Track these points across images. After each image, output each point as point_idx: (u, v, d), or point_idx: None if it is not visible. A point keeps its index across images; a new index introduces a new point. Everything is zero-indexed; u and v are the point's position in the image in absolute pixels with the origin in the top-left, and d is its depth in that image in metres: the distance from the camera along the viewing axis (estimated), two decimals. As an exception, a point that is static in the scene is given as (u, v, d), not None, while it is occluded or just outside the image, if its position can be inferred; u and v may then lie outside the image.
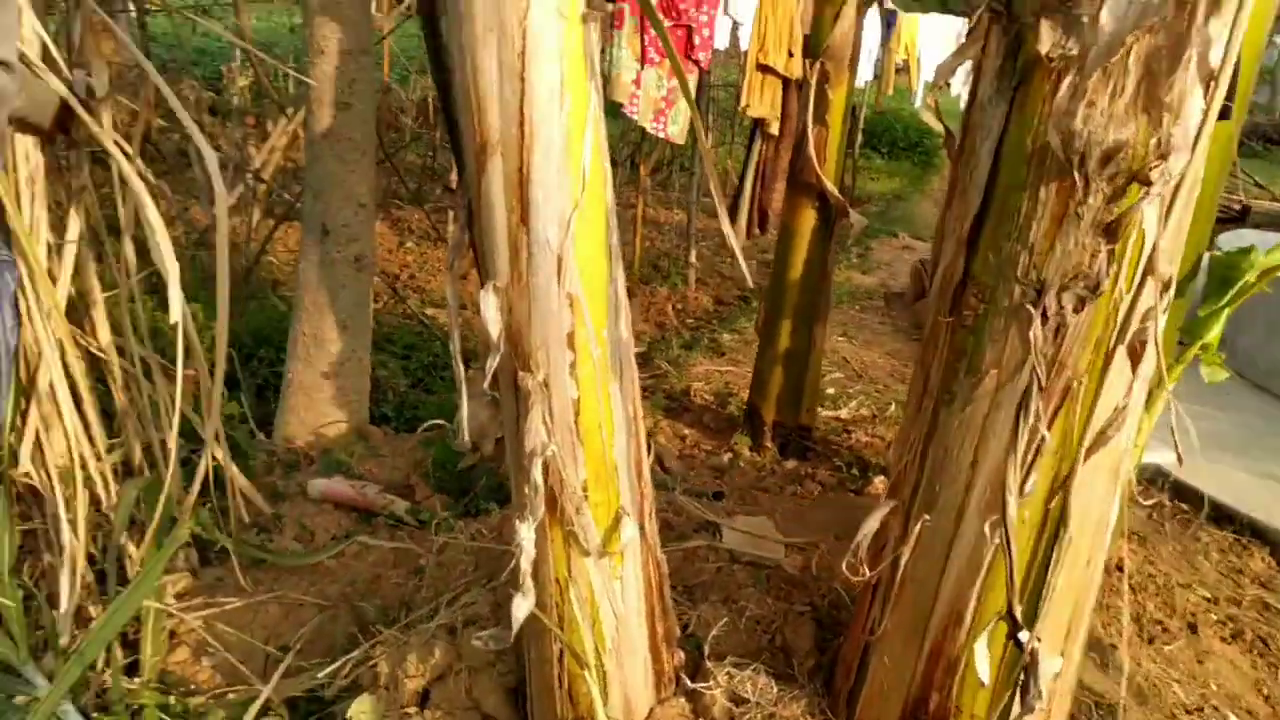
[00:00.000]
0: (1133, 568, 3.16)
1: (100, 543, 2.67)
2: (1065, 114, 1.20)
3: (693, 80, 5.97)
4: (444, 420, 3.72)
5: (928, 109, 1.54)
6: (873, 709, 1.96)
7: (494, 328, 1.66)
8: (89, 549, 2.60)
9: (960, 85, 7.82)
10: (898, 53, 8.25)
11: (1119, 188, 1.23)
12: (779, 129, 4.03)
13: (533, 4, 1.46)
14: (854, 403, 4.52)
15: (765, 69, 5.68)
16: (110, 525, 2.67)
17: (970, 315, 1.46)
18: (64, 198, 2.46)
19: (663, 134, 6.06)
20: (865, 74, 7.26)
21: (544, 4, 1.46)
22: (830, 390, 4.66)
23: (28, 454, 2.53)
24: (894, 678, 1.87)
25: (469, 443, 1.82)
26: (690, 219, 7.30)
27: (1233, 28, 1.20)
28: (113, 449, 2.83)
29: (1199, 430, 1.69)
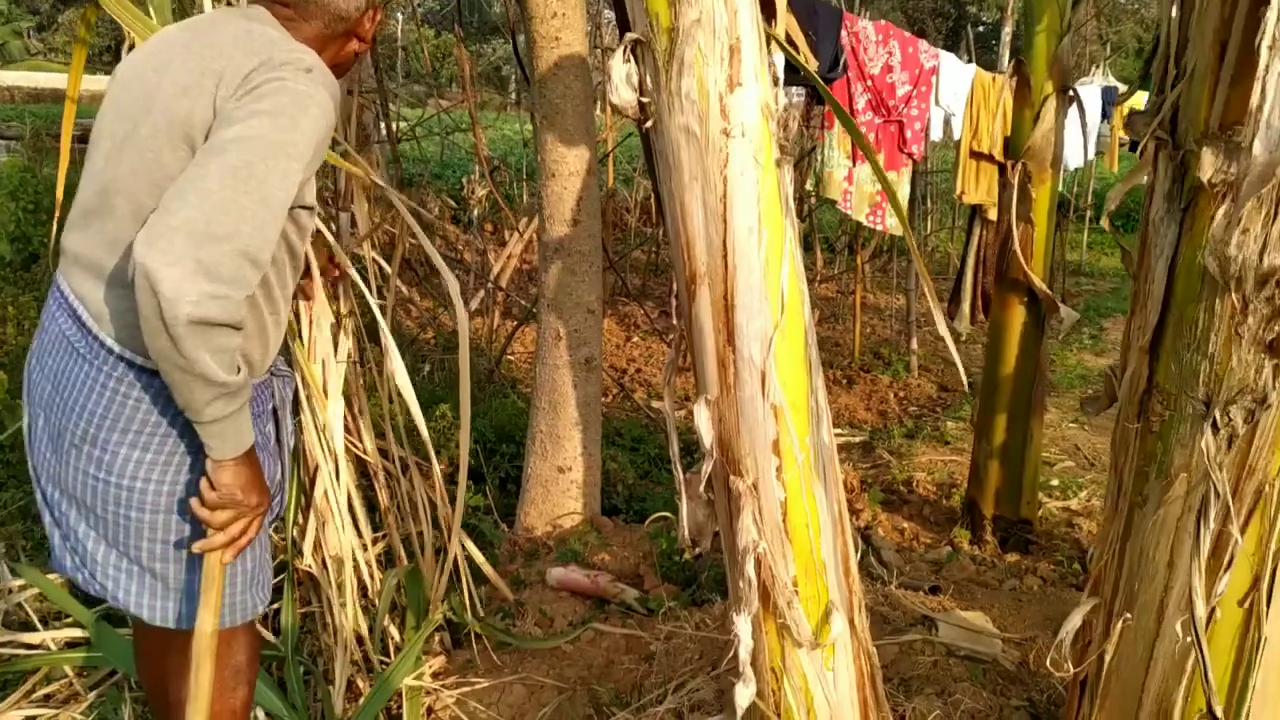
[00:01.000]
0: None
1: (367, 624, 3.00)
2: (1221, 241, 1.28)
3: (907, 172, 6.08)
4: (669, 513, 3.92)
5: (1108, 225, 1.62)
6: (1090, 805, 1.97)
7: (707, 436, 1.85)
8: (357, 630, 2.92)
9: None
10: (1119, 128, 8.05)
11: (1277, 308, 1.28)
12: (998, 214, 4.09)
13: (731, 154, 1.66)
14: (1084, 493, 4.41)
15: (979, 156, 5.74)
16: (376, 609, 3.00)
17: (1156, 421, 1.52)
18: (335, 321, 2.83)
19: (880, 226, 6.19)
20: (1078, 159, 7.11)
21: (741, 153, 1.66)
22: (1055, 481, 4.57)
23: (308, 546, 2.90)
24: (1109, 775, 1.88)
25: (688, 541, 2.00)
26: (910, 304, 7.32)
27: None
28: (377, 541, 3.19)
29: None
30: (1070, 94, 3.27)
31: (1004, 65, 7.52)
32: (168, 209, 1.50)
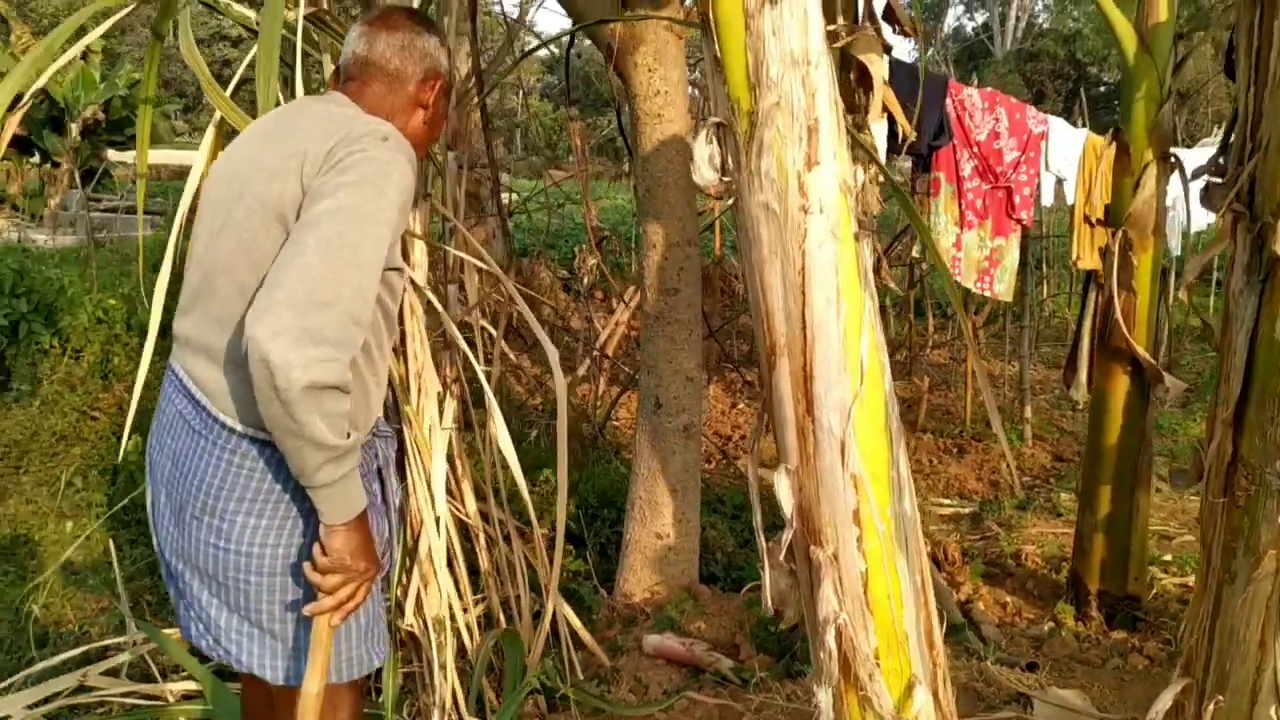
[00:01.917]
0: None
1: (464, 687, 3.06)
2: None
3: (1016, 238, 6.01)
4: (766, 582, 3.90)
5: (1182, 304, 1.61)
6: None
7: (787, 505, 1.87)
8: (455, 691, 2.98)
9: None
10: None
11: None
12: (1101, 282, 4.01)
13: (809, 230, 1.70)
14: (1203, 568, 4.21)
15: (1093, 221, 5.63)
16: (473, 670, 3.06)
17: (1242, 496, 1.49)
18: (442, 388, 2.94)
19: (988, 292, 6.12)
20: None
21: (819, 229, 1.70)
22: (1169, 556, 4.38)
23: (410, 607, 2.99)
24: None
25: (771, 610, 2.01)
26: (1023, 371, 7.17)
27: None
28: (477, 603, 3.26)
29: None
30: (1171, 160, 3.21)
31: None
32: (272, 284, 1.62)
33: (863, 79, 3.66)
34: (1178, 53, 3.17)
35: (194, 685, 2.92)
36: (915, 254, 6.25)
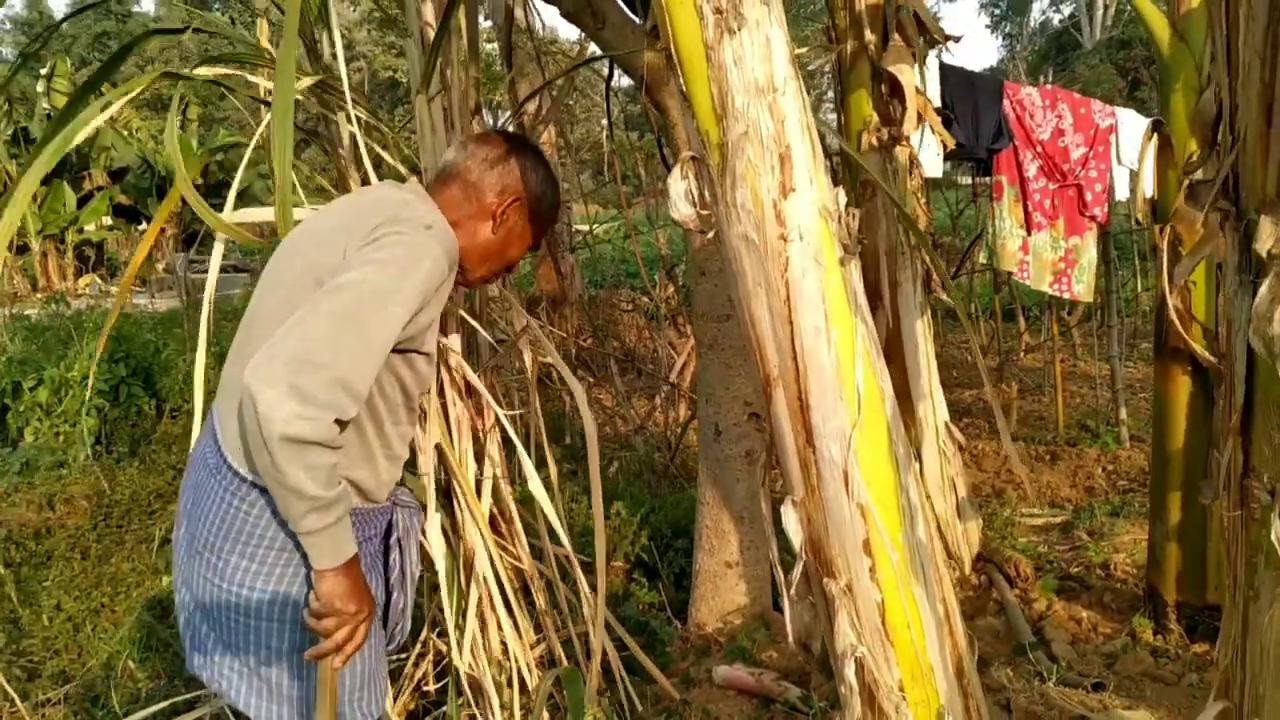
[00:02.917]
0: None
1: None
2: (1264, 318, 1.18)
3: (1092, 235, 5.83)
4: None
5: (1175, 311, 1.53)
6: None
7: (796, 538, 1.83)
8: (518, 730, 2.99)
9: None
10: None
11: None
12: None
13: (791, 258, 1.68)
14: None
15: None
16: (534, 710, 3.06)
17: (1257, 508, 1.40)
18: (477, 436, 2.96)
19: (1067, 294, 5.93)
20: None
21: (800, 257, 1.68)
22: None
23: (467, 649, 3.01)
24: None
25: (793, 644, 1.97)
26: (1115, 372, 6.91)
27: None
28: (537, 644, 3.27)
29: None
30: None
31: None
32: (279, 338, 1.69)
33: (895, 90, 3.62)
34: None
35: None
36: (982, 260, 6.09)
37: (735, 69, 1.62)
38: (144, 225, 17.41)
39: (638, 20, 3.74)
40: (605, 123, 4.84)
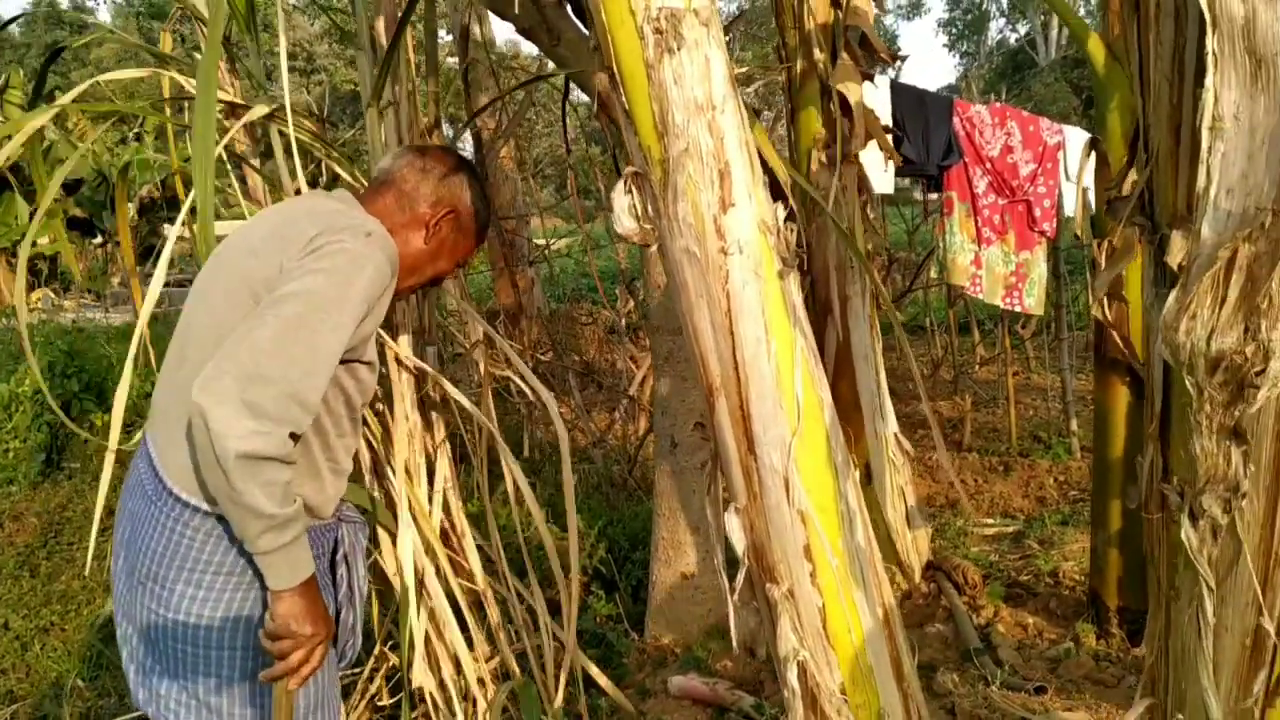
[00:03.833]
0: None
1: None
2: (1170, 328, 1.24)
3: (1041, 250, 5.94)
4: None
5: (1097, 308, 1.58)
6: None
7: (739, 544, 1.87)
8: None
9: None
10: None
11: (1232, 394, 1.22)
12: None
13: (731, 271, 1.72)
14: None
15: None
16: (489, 723, 3.07)
17: (1175, 511, 1.46)
18: (427, 450, 2.98)
19: (1019, 307, 6.03)
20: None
21: (740, 269, 1.72)
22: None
23: (419, 665, 3.01)
24: None
25: (736, 649, 2.01)
26: (1066, 384, 7.03)
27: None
28: (491, 657, 3.28)
29: None
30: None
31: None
32: (224, 354, 1.66)
33: (844, 108, 3.69)
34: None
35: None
36: (933, 275, 6.18)
37: (675, 87, 1.66)
38: (99, 239, 17.20)
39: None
40: (565, 138, 4.88)
